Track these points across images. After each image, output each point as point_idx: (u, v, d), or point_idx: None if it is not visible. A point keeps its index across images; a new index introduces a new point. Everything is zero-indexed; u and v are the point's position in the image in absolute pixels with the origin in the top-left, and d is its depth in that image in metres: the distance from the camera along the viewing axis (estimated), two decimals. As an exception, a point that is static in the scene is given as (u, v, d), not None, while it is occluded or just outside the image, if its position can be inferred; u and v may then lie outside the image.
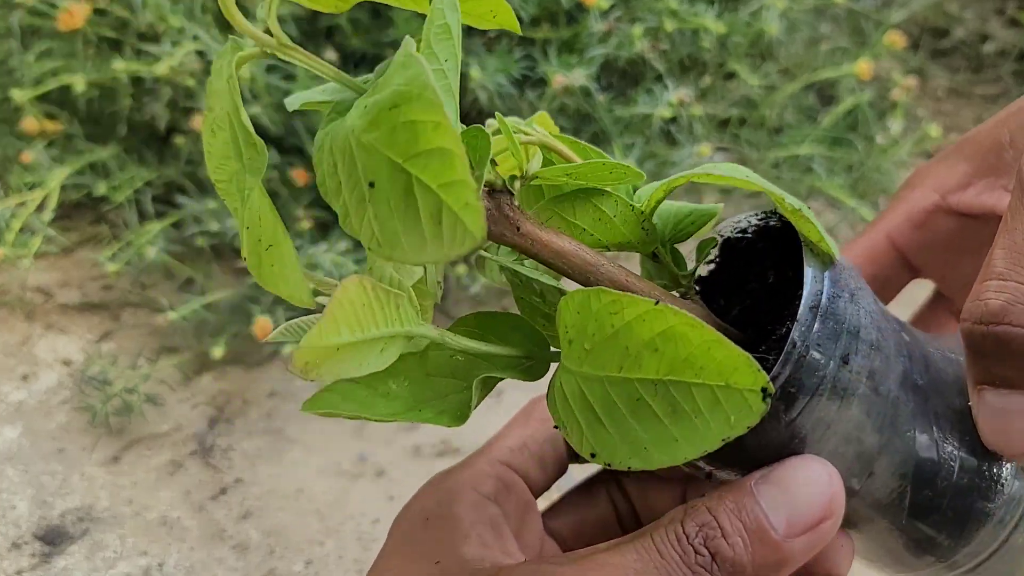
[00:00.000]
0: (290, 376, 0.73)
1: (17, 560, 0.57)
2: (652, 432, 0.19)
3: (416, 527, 0.25)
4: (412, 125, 0.17)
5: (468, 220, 0.16)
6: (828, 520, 0.21)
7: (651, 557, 0.21)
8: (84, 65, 0.77)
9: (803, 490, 0.21)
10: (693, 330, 0.19)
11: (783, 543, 0.21)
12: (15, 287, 0.81)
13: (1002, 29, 1.23)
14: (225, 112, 0.20)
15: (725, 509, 0.21)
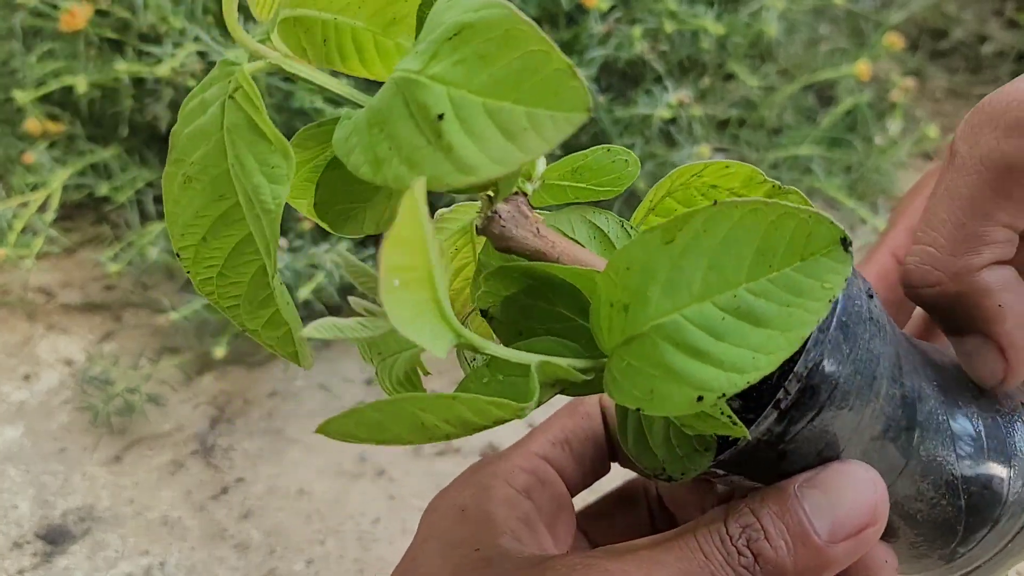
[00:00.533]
0: (291, 376, 0.73)
1: (19, 559, 0.58)
2: (745, 341, 0.18)
3: (451, 517, 0.25)
4: (495, 40, 0.16)
5: (579, 82, 0.16)
6: (872, 527, 0.21)
7: (695, 556, 0.21)
8: (86, 66, 0.77)
9: (847, 495, 0.21)
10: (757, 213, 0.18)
11: (826, 548, 0.21)
12: (17, 287, 0.81)
13: (1001, 30, 1.23)
14: (204, 154, 0.19)
15: (768, 512, 0.21)
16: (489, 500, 0.25)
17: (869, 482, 0.22)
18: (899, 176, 0.97)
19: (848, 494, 0.21)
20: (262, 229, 0.19)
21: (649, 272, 0.18)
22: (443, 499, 0.26)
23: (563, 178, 0.23)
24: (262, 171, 0.19)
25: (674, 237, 0.18)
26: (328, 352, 0.76)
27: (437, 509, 0.26)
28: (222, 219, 0.20)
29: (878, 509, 0.21)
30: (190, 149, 0.19)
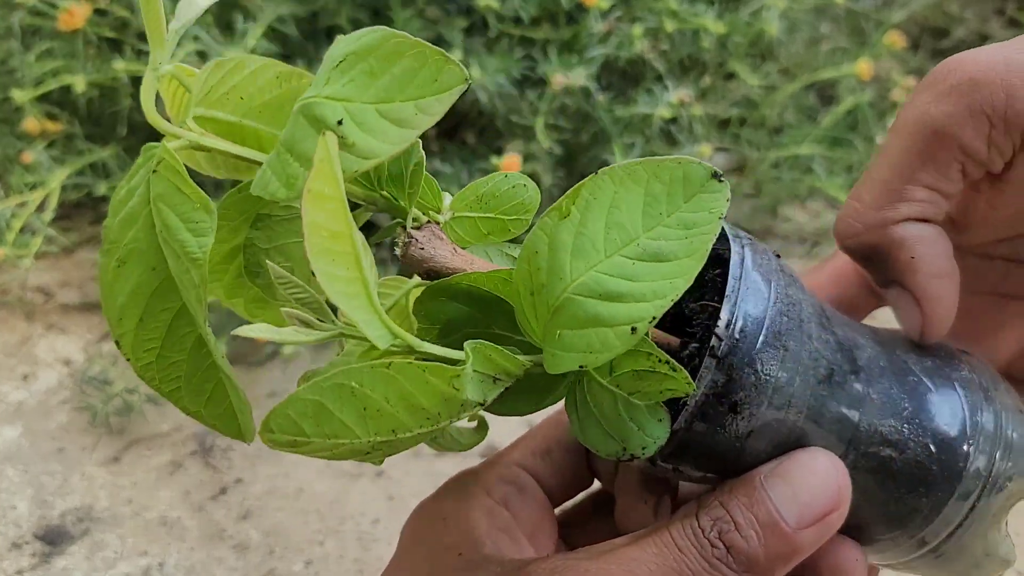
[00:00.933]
0: (290, 377, 0.73)
1: (17, 560, 0.57)
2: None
3: (434, 526, 0.26)
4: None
5: (454, 64, 0.20)
6: (836, 511, 0.22)
7: (670, 551, 0.22)
8: (84, 65, 0.77)
9: (810, 482, 0.22)
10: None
11: (794, 535, 0.22)
12: (15, 287, 0.81)
13: (1002, 29, 1.23)
14: (134, 234, 0.21)
15: (737, 503, 0.22)
16: (470, 510, 0.25)
17: (831, 468, 0.22)
18: (900, 175, 0.97)
19: (811, 481, 0.22)
20: (192, 280, 0.20)
21: (556, 247, 0.20)
22: (426, 508, 0.27)
23: (470, 208, 0.24)
24: (187, 228, 0.20)
25: (569, 211, 0.20)
26: (329, 353, 0.75)
27: (420, 517, 0.26)
28: (156, 293, 0.21)
29: (840, 494, 0.22)
30: (121, 234, 0.21)
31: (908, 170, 0.23)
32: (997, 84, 0.21)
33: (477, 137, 0.84)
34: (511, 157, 0.75)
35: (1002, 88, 0.21)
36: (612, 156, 0.82)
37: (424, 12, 0.79)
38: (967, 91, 0.22)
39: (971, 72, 0.22)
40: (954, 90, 0.22)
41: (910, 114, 0.23)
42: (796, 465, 0.22)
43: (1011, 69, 0.21)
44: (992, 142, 0.22)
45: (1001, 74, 0.21)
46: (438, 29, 0.79)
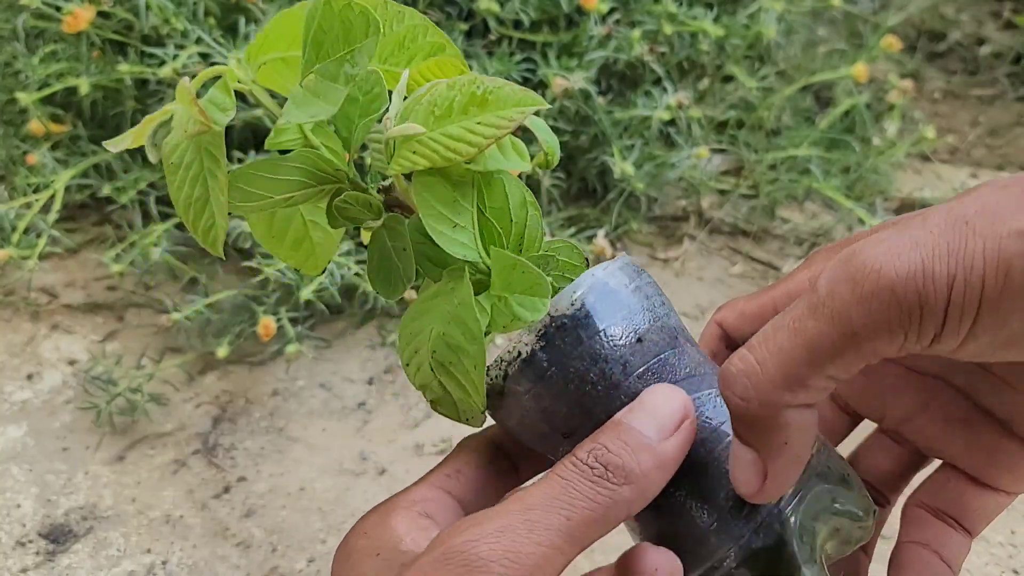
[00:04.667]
0: (292, 376, 0.74)
1: (22, 558, 0.58)
2: None
3: (357, 541, 0.28)
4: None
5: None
6: (687, 419, 0.26)
7: (557, 483, 0.25)
8: (89, 68, 0.77)
9: (661, 403, 0.26)
10: None
11: (658, 446, 0.26)
12: (20, 287, 0.81)
13: (998, 32, 1.23)
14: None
15: (606, 436, 0.26)
16: (388, 520, 0.28)
17: (672, 389, 0.27)
18: (897, 177, 0.98)
19: (662, 402, 0.26)
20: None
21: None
22: (348, 534, 0.29)
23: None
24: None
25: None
26: (329, 352, 0.76)
27: (344, 542, 0.29)
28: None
29: (687, 405, 0.27)
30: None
31: (817, 360, 0.23)
32: (914, 298, 0.22)
33: (477, 139, 0.84)
34: (511, 159, 0.75)
35: (918, 301, 0.22)
36: (612, 158, 0.82)
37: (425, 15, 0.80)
38: (886, 302, 0.22)
39: (891, 281, 0.22)
40: (874, 297, 0.22)
41: (830, 304, 0.23)
42: (645, 396, 0.27)
43: (927, 278, 0.22)
44: (902, 348, 0.23)
45: (918, 285, 0.22)
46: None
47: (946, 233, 0.22)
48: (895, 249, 0.22)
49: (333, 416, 0.70)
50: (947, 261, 0.21)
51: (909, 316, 0.22)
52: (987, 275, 0.21)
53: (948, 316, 0.21)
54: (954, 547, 0.30)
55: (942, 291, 0.21)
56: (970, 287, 0.21)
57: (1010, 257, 0.21)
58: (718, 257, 0.89)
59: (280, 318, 0.71)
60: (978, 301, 0.21)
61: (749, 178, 0.92)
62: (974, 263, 0.21)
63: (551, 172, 0.82)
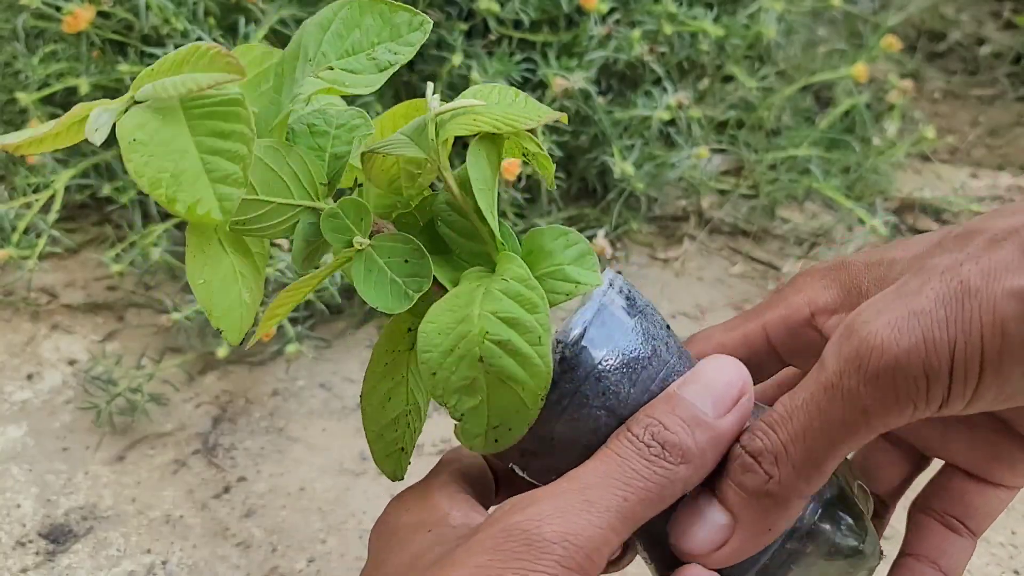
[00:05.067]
0: (292, 376, 0.74)
1: (22, 558, 0.58)
2: None
3: (400, 516, 0.28)
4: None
5: None
6: (744, 395, 0.26)
7: (613, 461, 0.25)
8: (88, 68, 0.77)
9: (717, 377, 0.26)
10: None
11: (715, 422, 0.25)
12: (20, 287, 0.81)
13: (998, 32, 1.24)
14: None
15: (661, 411, 0.25)
16: (431, 497, 0.28)
17: (728, 362, 0.26)
18: (897, 177, 0.98)
19: (717, 375, 0.26)
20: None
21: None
22: (387, 509, 0.29)
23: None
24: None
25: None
26: (329, 352, 0.76)
27: (384, 518, 0.29)
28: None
29: (745, 380, 0.26)
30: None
31: (836, 444, 0.23)
32: (919, 370, 0.22)
33: (477, 139, 0.84)
34: (510, 159, 0.75)
35: (924, 372, 0.22)
36: (612, 158, 0.82)
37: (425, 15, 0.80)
38: (893, 379, 0.22)
39: (895, 356, 0.22)
40: (882, 375, 0.22)
41: (843, 387, 0.23)
42: (700, 368, 0.26)
43: (930, 349, 0.22)
44: (915, 415, 0.23)
45: (922, 357, 0.22)
46: (439, 32, 0.80)
47: (943, 299, 0.22)
48: (895, 322, 0.22)
49: (333, 416, 0.70)
50: (947, 328, 0.22)
51: (916, 388, 0.22)
52: (985, 337, 0.21)
53: (953, 380, 0.22)
54: (956, 553, 0.30)
55: (945, 359, 0.22)
56: (971, 350, 0.21)
57: (1005, 318, 0.21)
58: (718, 257, 0.89)
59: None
60: (979, 363, 0.21)
61: (749, 178, 0.92)
62: (971, 327, 0.21)
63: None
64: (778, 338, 0.29)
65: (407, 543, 0.26)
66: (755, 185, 0.92)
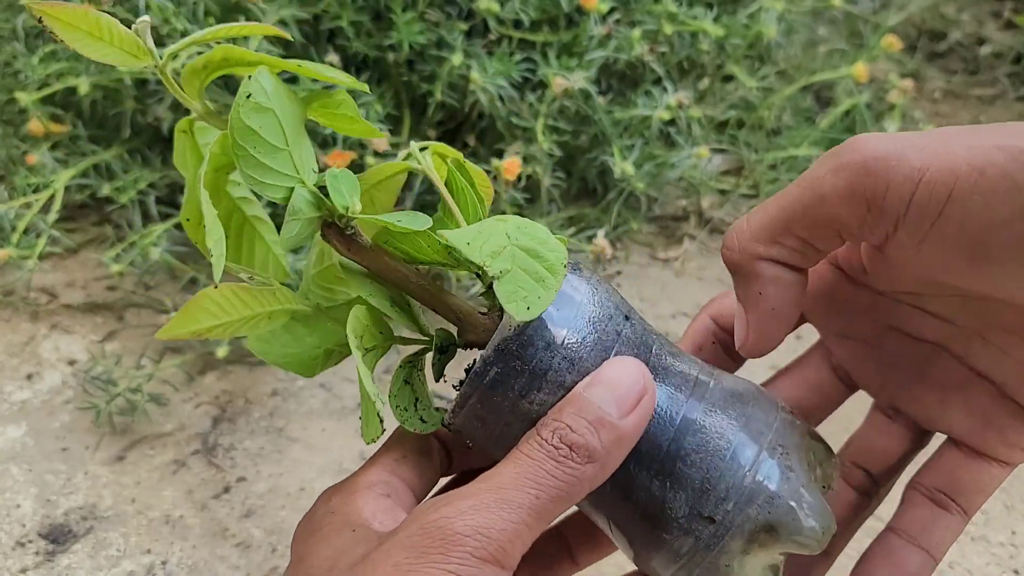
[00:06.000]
0: (292, 376, 0.74)
1: (22, 558, 0.58)
2: None
3: (324, 519, 0.29)
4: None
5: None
6: (646, 395, 0.27)
7: (524, 463, 0.26)
8: (88, 68, 0.77)
9: (619, 378, 0.27)
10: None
11: (619, 423, 0.26)
12: (20, 287, 0.81)
13: (998, 32, 1.24)
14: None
15: (567, 413, 0.27)
16: (354, 500, 0.29)
17: (630, 363, 0.27)
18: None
19: (619, 377, 0.27)
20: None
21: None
22: (311, 512, 0.30)
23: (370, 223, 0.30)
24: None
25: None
26: (329, 352, 0.76)
27: (307, 519, 0.29)
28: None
29: (645, 379, 0.27)
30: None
31: (789, 219, 0.26)
32: (882, 175, 0.23)
33: (477, 139, 0.84)
34: (511, 159, 0.75)
35: (885, 179, 0.23)
36: (612, 158, 0.82)
37: (425, 15, 0.80)
38: (856, 173, 0.24)
39: (865, 156, 0.24)
40: (847, 167, 0.24)
41: (810, 173, 0.26)
42: (602, 370, 0.27)
43: (900, 163, 0.23)
44: (864, 223, 0.25)
45: (891, 165, 0.23)
46: (439, 32, 0.79)
47: (937, 137, 0.23)
48: (887, 137, 0.24)
49: (333, 416, 0.70)
50: (924, 154, 0.23)
51: (875, 190, 0.23)
52: (961, 172, 0.22)
53: (913, 203, 0.23)
54: (940, 531, 0.31)
55: (911, 176, 0.23)
56: (940, 182, 0.22)
57: (987, 162, 0.22)
58: (718, 257, 0.89)
59: (280, 318, 0.71)
60: (947, 196, 0.22)
61: (749, 178, 0.92)
62: (952, 161, 0.22)
63: (551, 172, 0.82)
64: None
65: (330, 540, 0.27)
66: (755, 185, 0.92)
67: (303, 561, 0.27)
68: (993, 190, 0.21)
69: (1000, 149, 0.21)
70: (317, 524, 0.28)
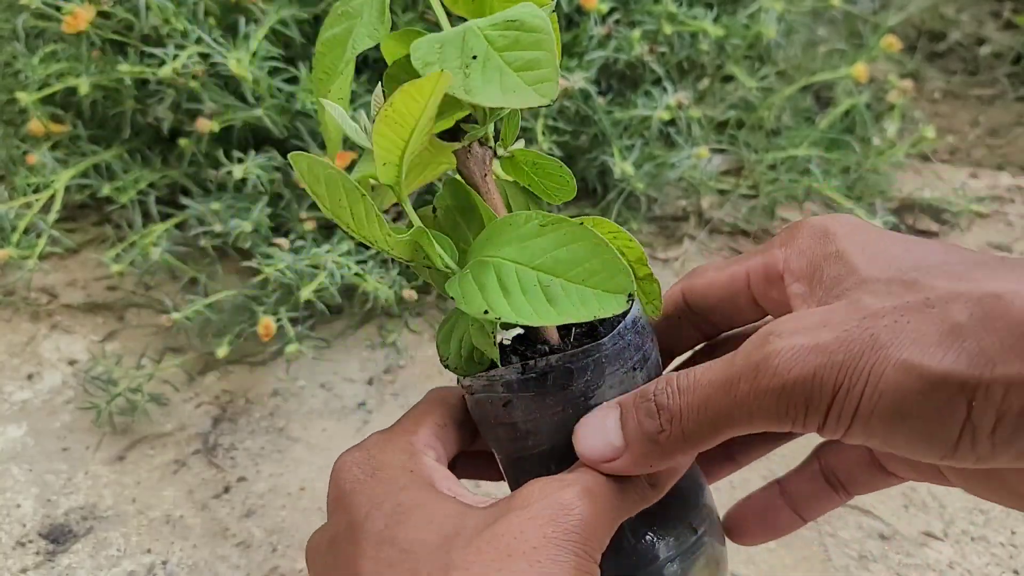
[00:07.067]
0: (293, 376, 0.74)
1: (22, 558, 0.58)
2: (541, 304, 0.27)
3: (397, 476, 0.29)
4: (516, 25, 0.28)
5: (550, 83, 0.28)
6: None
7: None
8: (88, 68, 0.77)
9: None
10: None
11: (676, 463, 0.29)
12: (20, 287, 0.81)
13: (998, 32, 1.24)
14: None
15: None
16: (421, 461, 0.30)
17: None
18: (897, 177, 0.98)
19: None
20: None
21: (516, 232, 0.28)
22: (366, 462, 0.30)
23: (526, 163, 0.32)
24: None
25: (547, 225, 0.28)
26: (330, 352, 0.76)
27: (380, 467, 0.30)
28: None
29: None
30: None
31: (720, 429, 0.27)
32: (801, 400, 0.25)
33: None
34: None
35: (804, 403, 0.25)
36: (612, 158, 0.82)
37: (425, 15, 0.80)
38: (777, 399, 0.25)
39: (783, 382, 0.25)
40: (769, 393, 0.25)
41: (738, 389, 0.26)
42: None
43: (815, 386, 0.24)
44: (793, 430, 0.26)
45: (807, 390, 0.24)
46: (439, 32, 0.80)
47: (848, 344, 0.24)
48: (798, 349, 0.25)
49: (333, 416, 0.70)
50: (837, 373, 0.24)
51: (795, 412, 0.25)
52: (864, 394, 0.24)
53: (829, 416, 0.24)
54: (820, 506, 0.34)
55: (826, 398, 0.24)
56: (850, 399, 0.24)
57: (887, 386, 0.23)
58: (718, 257, 0.89)
59: (280, 318, 0.71)
60: (853, 413, 0.24)
61: (749, 178, 0.92)
62: (858, 380, 0.24)
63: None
64: (756, 285, 0.31)
65: (423, 506, 0.28)
66: (755, 185, 0.92)
67: (405, 512, 0.27)
68: (894, 413, 0.23)
69: (902, 368, 0.23)
70: (399, 479, 0.29)
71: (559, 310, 0.26)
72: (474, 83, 0.26)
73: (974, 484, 0.29)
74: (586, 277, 0.27)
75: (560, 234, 0.27)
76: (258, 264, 0.72)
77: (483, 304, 0.27)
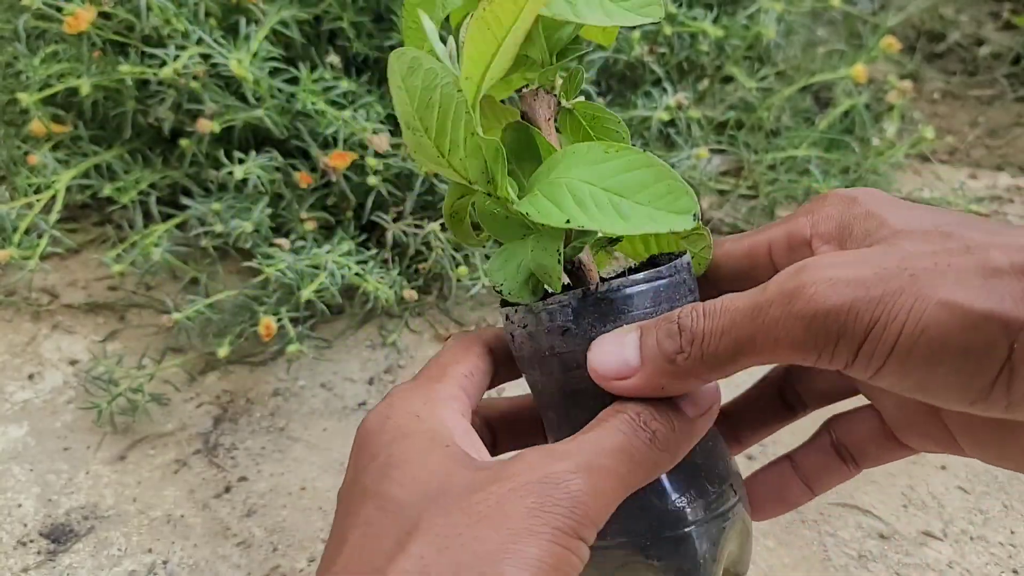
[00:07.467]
0: (293, 375, 0.74)
1: (23, 558, 0.58)
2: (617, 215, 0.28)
3: (408, 424, 0.28)
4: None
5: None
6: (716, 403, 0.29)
7: (619, 437, 0.27)
8: (90, 68, 0.77)
9: (702, 388, 0.29)
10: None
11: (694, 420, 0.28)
12: (22, 287, 0.81)
13: (997, 32, 1.24)
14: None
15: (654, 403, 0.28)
16: (438, 410, 0.29)
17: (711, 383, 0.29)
18: (896, 177, 0.98)
19: (702, 388, 0.29)
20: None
21: (583, 158, 0.29)
22: (384, 414, 0.29)
23: (584, 116, 0.33)
24: None
25: (611, 152, 0.29)
26: (331, 352, 0.76)
27: (389, 418, 0.29)
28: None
29: (717, 392, 0.29)
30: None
31: (744, 354, 0.27)
32: (834, 329, 0.24)
33: (478, 139, 0.84)
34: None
35: (837, 333, 0.24)
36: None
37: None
38: (809, 326, 0.25)
39: (818, 309, 0.24)
40: (801, 318, 0.25)
41: (768, 313, 0.26)
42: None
43: (850, 316, 0.24)
44: (818, 362, 0.25)
45: (841, 320, 0.24)
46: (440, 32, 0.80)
47: (886, 279, 0.23)
48: (836, 280, 0.24)
49: (334, 416, 0.70)
50: (875, 307, 0.23)
51: (824, 343, 0.24)
52: (904, 331, 0.23)
53: (861, 352, 0.23)
54: (831, 479, 0.34)
55: (860, 332, 0.23)
56: (887, 335, 0.23)
57: (929, 323, 0.22)
58: (718, 257, 0.89)
59: (281, 318, 0.71)
60: (889, 350, 0.23)
61: (749, 178, 0.93)
62: (897, 316, 0.23)
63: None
64: (779, 254, 0.31)
65: (423, 453, 0.27)
66: (755, 185, 0.92)
67: (393, 466, 0.27)
68: (934, 350, 0.23)
69: (944, 306, 0.22)
70: (403, 427, 0.28)
71: (633, 224, 0.27)
72: (580, 6, 0.28)
73: (990, 450, 0.28)
74: (653, 199, 0.27)
75: (625, 160, 0.28)
76: (259, 264, 0.72)
77: (563, 215, 0.27)
